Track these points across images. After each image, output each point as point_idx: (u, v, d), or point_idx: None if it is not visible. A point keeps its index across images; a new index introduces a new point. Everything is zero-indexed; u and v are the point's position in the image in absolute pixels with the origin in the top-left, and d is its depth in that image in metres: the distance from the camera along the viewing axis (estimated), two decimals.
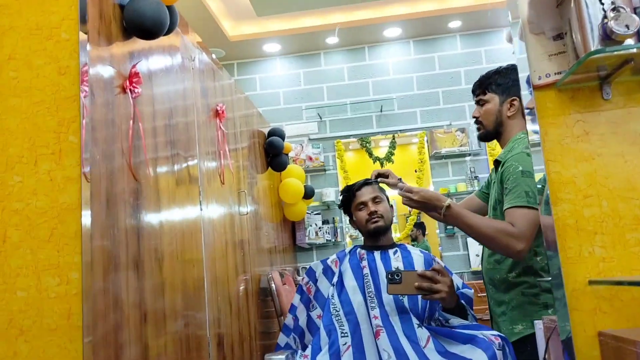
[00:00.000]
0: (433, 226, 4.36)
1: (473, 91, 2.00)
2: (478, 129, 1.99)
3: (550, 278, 1.11)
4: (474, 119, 1.99)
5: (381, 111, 4.46)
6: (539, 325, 1.30)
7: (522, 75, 1.18)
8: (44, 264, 1.18)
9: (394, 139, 4.42)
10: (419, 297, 1.89)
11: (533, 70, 1.13)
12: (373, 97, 4.48)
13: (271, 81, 4.64)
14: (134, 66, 1.61)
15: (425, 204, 1.80)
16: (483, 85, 1.94)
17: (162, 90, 1.81)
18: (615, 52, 0.97)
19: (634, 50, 0.98)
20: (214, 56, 2.65)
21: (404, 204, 1.87)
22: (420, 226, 4.37)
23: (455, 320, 1.93)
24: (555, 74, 1.11)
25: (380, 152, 4.44)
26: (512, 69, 1.90)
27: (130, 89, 1.60)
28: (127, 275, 1.41)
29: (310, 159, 4.37)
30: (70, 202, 1.19)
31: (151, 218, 1.60)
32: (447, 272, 1.87)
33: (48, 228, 1.19)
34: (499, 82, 1.91)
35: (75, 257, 1.17)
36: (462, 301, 1.95)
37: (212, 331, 2.03)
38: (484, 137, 1.98)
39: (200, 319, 1.94)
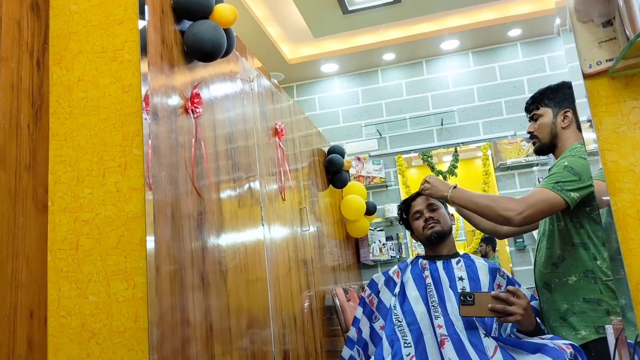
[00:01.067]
0: (503, 241, 4.23)
1: (526, 109, 2.08)
2: (534, 143, 2.05)
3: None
4: (529, 134, 2.07)
5: (442, 124, 4.42)
6: (609, 330, 1.24)
7: (572, 65, 1.15)
8: (112, 269, 1.26)
9: (456, 151, 4.35)
10: None
11: (583, 58, 1.10)
12: (433, 111, 4.45)
13: (330, 100, 4.71)
14: (195, 87, 1.70)
15: (436, 187, 2.08)
16: (536, 101, 2.03)
17: (223, 115, 1.90)
18: None
19: None
20: (274, 80, 2.74)
21: (420, 189, 2.14)
22: (489, 241, 4.24)
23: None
24: (606, 61, 1.08)
25: (444, 167, 4.38)
26: (563, 85, 1.99)
27: (192, 109, 1.69)
28: (193, 287, 1.47)
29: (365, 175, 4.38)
30: (135, 211, 1.27)
31: (215, 233, 1.67)
32: (522, 292, 1.82)
33: (116, 236, 1.27)
34: (550, 97, 1.99)
35: (140, 262, 1.24)
36: (538, 320, 1.88)
37: (277, 347, 2.05)
38: (540, 151, 2.04)
39: (265, 335, 1.98)
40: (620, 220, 1.05)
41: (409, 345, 1.90)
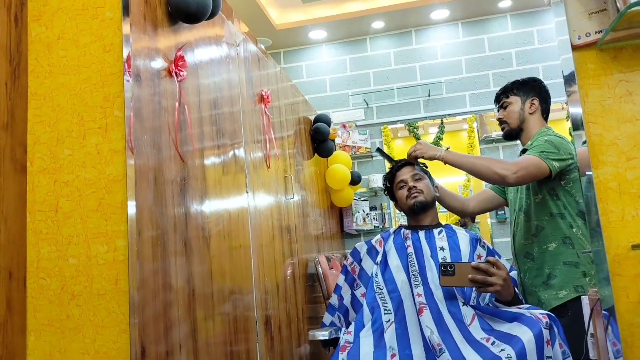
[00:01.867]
0: (485, 213, 4.27)
1: (496, 99, 2.30)
2: (503, 129, 2.27)
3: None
4: (499, 121, 2.29)
5: (429, 96, 4.40)
6: (585, 300, 1.27)
7: (562, 39, 1.14)
8: (93, 232, 1.25)
9: (442, 123, 4.35)
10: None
11: (572, 30, 1.09)
12: (420, 82, 4.42)
13: (317, 68, 4.66)
14: (179, 49, 1.66)
15: (427, 147, 2.18)
16: (506, 91, 2.25)
17: (207, 80, 1.86)
18: None
19: None
20: (261, 46, 2.69)
21: (409, 154, 2.21)
22: None
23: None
24: (595, 32, 1.07)
25: (429, 138, 4.38)
26: (531, 79, 2.24)
27: (175, 72, 1.66)
28: (175, 252, 1.47)
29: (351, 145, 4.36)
30: (116, 174, 1.25)
31: (198, 199, 1.66)
32: (502, 263, 1.85)
33: (96, 198, 1.25)
34: (519, 87, 2.22)
35: (121, 225, 1.23)
36: (516, 290, 1.91)
37: (259, 312, 2.07)
38: (509, 135, 2.26)
39: (247, 301, 1.99)
40: (601, 192, 1.06)
41: (389, 312, 1.92)
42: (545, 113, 2.23)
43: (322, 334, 2.08)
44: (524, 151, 2.16)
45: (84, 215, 1.26)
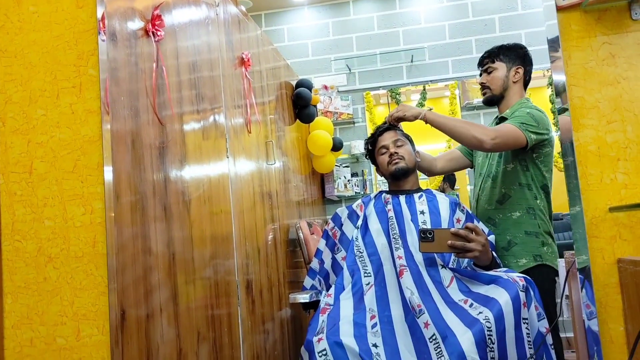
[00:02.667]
0: (463, 179, 4.31)
1: (480, 63, 2.28)
2: (484, 94, 2.26)
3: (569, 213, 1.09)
4: (481, 85, 2.27)
5: (412, 62, 4.36)
6: (561, 262, 1.29)
7: (548, 4, 1.13)
8: (69, 194, 1.22)
9: (424, 90, 4.33)
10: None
11: None
12: (403, 47, 4.38)
13: (299, 32, 4.58)
14: (156, 8, 1.61)
15: (409, 108, 2.17)
16: (492, 56, 2.22)
17: (186, 43, 1.81)
18: None
19: None
20: (242, 7, 2.62)
21: (391, 115, 2.20)
22: (449, 179, 4.32)
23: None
24: None
25: (411, 105, 4.36)
26: (516, 45, 2.23)
27: (153, 32, 1.61)
28: (155, 216, 1.45)
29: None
30: (92, 135, 1.22)
31: (178, 164, 1.63)
32: (481, 228, 1.87)
33: (71, 160, 1.22)
34: (506, 53, 2.20)
35: (98, 187, 1.20)
36: (494, 254, 1.94)
37: (240, 276, 2.07)
38: (490, 101, 2.25)
39: (229, 265, 1.99)
40: (581, 155, 1.06)
41: (369, 275, 1.94)
42: (526, 84, 2.24)
43: (303, 297, 2.10)
44: (501, 119, 2.17)
45: (59, 177, 1.23)
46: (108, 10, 1.27)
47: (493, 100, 2.24)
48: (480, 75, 2.30)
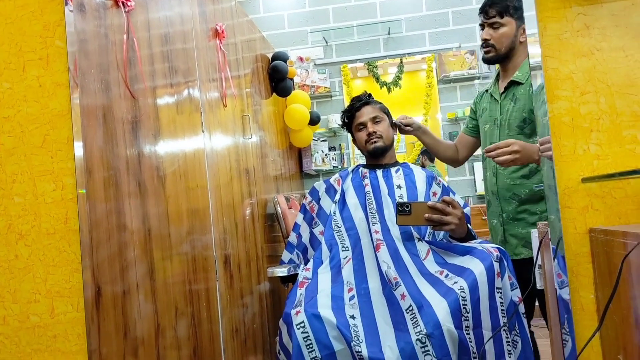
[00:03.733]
0: None
1: (485, 12, 1.94)
2: (487, 52, 1.98)
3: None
4: (484, 41, 1.97)
5: (389, 34, 4.33)
6: (534, 233, 1.31)
7: None
8: (38, 169, 1.19)
9: (401, 63, 4.31)
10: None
11: None
12: (380, 19, 4.34)
13: (275, 3, 4.50)
14: None
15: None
16: (500, 8, 1.91)
17: (158, 14, 1.76)
18: None
19: None
20: None
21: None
22: (427, 153, 4.34)
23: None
24: None
25: (389, 78, 4.36)
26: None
27: (123, 2, 1.56)
28: (129, 192, 1.43)
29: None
30: (61, 108, 1.18)
31: (151, 138, 1.60)
32: (457, 201, 1.88)
33: (40, 134, 1.19)
34: (516, 7, 1.88)
35: (68, 162, 1.17)
36: (469, 226, 1.96)
37: (218, 251, 2.07)
38: (492, 60, 2.00)
39: (206, 241, 1.98)
40: (555, 127, 1.07)
41: (347, 249, 1.96)
42: None
43: (281, 271, 2.10)
44: (513, 83, 1.96)
45: (28, 152, 1.20)
46: None
47: (496, 59, 1.99)
48: (482, 27, 1.99)
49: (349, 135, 2.34)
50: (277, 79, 3.41)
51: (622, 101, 1.08)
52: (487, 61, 2.01)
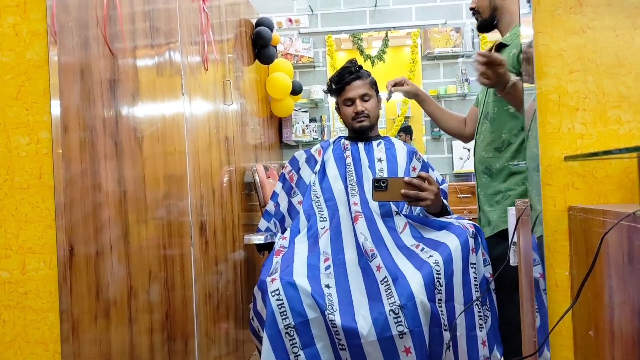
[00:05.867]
0: (420, 130, 4.35)
1: None
2: (477, 19, 1.92)
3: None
4: (471, 10, 1.92)
5: (375, 6, 4.28)
6: (511, 211, 1.32)
7: None
8: (12, 122, 1.15)
9: (386, 36, 4.28)
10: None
11: None
12: None
13: None
14: None
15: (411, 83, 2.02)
16: None
17: None
18: None
19: None
20: None
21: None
22: (407, 130, 4.35)
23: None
24: None
25: (373, 52, 4.32)
26: None
27: None
28: (105, 151, 1.39)
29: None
30: (37, 59, 1.14)
31: (130, 99, 1.56)
32: (434, 177, 1.88)
33: (15, 85, 1.14)
34: None
35: (44, 116, 1.13)
36: (445, 202, 1.96)
37: (194, 217, 2.05)
38: (482, 27, 1.92)
39: (182, 206, 1.95)
40: (541, 104, 1.07)
41: (325, 219, 1.95)
42: None
43: (258, 238, 2.10)
44: (500, 46, 1.85)
45: (1, 103, 1.15)
46: None
47: (485, 24, 1.90)
48: None
49: (331, 107, 2.30)
50: (260, 46, 3.35)
51: (610, 81, 1.08)
52: (479, 29, 1.94)
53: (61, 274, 1.16)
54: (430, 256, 1.69)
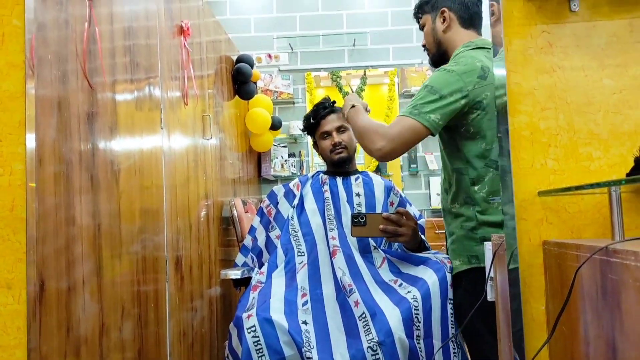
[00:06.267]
0: (397, 165, 4.39)
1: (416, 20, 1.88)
2: (428, 55, 1.86)
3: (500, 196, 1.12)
4: (423, 47, 1.87)
5: (354, 46, 4.38)
6: (488, 246, 1.33)
7: None
8: None
9: (365, 75, 4.36)
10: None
11: None
12: (347, 31, 4.39)
13: (242, 6, 4.48)
14: None
15: (346, 102, 1.87)
16: (417, 11, 1.84)
17: (122, 8, 1.72)
18: None
19: None
20: None
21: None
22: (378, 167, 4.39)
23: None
24: None
25: (351, 90, 4.39)
26: None
27: None
28: (80, 185, 1.37)
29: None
30: (14, 90, 1.13)
31: (107, 133, 1.55)
32: (412, 213, 1.89)
33: None
34: (425, 1, 1.79)
35: (19, 147, 1.12)
36: (423, 237, 1.97)
37: (170, 252, 2.02)
38: (434, 62, 1.84)
39: (158, 241, 1.93)
40: (515, 140, 1.09)
41: (302, 254, 1.95)
42: (466, 21, 1.74)
43: (234, 273, 2.07)
44: None
45: None
46: None
47: (435, 60, 1.82)
48: None
49: (309, 142, 2.33)
50: (240, 82, 3.39)
51: (580, 119, 1.11)
52: (432, 64, 1.87)
53: (30, 310, 1.12)
54: (409, 292, 1.68)
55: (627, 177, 0.86)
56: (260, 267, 2.07)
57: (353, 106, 1.82)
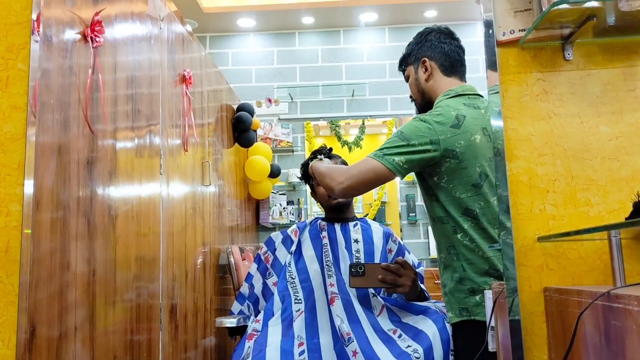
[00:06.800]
0: (396, 214, 4.39)
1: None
2: (415, 105, 1.87)
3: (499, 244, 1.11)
4: (410, 99, 1.89)
5: (352, 96, 4.46)
6: (488, 294, 1.31)
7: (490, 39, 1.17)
8: None
9: (363, 124, 4.42)
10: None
11: (498, 26, 1.13)
12: (345, 81, 4.48)
13: (244, 57, 4.58)
14: (97, 13, 1.55)
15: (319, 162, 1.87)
16: (401, 63, 1.86)
17: (127, 58, 1.76)
18: (577, 5, 0.98)
19: (596, 4, 0.98)
20: (188, 27, 2.58)
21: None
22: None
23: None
24: (519, 30, 1.12)
25: (350, 139, 4.44)
26: (420, 34, 1.82)
27: (91, 37, 1.55)
28: (77, 230, 1.37)
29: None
30: (15, 132, 1.14)
31: (106, 179, 1.55)
32: (410, 262, 1.87)
33: None
34: (407, 53, 1.82)
35: (17, 188, 1.12)
36: (423, 287, 1.95)
37: (165, 300, 1.99)
38: (420, 112, 1.80)
39: (153, 288, 1.90)
40: (513, 185, 1.09)
41: (300, 301, 1.91)
42: (448, 68, 1.74)
43: (230, 321, 2.03)
44: None
45: None
46: (44, 11, 1.22)
47: (421, 108, 1.81)
48: None
49: (308, 190, 2.33)
50: (240, 130, 3.43)
51: (577, 165, 1.12)
52: (418, 114, 1.79)
53: (19, 356, 1.09)
54: (409, 346, 1.64)
55: (626, 221, 0.85)
56: (256, 315, 2.03)
57: (317, 158, 1.90)
